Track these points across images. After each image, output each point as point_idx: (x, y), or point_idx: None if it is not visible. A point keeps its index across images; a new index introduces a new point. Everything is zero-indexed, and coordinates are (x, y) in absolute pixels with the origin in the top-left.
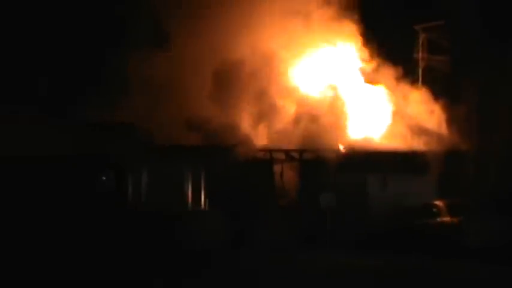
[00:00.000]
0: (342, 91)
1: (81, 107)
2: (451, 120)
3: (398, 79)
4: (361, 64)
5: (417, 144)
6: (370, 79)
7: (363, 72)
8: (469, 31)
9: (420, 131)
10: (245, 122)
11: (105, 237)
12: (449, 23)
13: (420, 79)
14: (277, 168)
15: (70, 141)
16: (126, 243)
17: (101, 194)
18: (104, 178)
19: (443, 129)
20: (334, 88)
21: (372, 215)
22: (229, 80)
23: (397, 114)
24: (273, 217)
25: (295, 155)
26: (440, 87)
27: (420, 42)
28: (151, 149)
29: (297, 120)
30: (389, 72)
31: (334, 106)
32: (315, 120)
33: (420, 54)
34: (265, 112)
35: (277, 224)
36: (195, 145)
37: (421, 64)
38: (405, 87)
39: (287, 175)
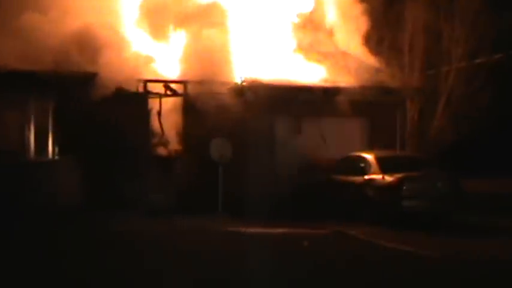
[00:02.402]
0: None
1: None
2: (386, 49)
3: None
4: None
5: (343, 78)
6: None
7: None
8: None
9: (348, 62)
10: (108, 43)
11: None
12: None
13: None
14: (153, 104)
15: None
16: None
17: None
18: None
19: (377, 60)
20: None
21: (280, 169)
22: None
23: (319, 41)
24: (147, 170)
25: (178, 87)
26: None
27: None
28: None
29: (179, 40)
30: None
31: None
32: (204, 42)
33: None
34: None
35: (152, 180)
36: (40, 71)
37: None
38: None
39: (167, 114)
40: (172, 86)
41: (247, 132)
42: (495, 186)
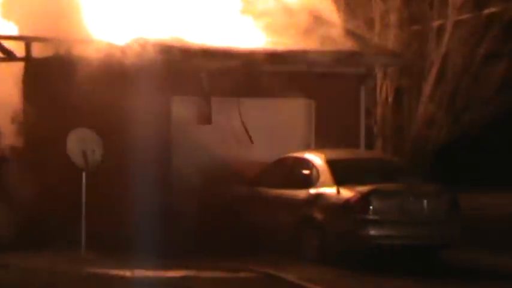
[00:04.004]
0: None
1: None
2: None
3: None
4: None
5: (278, 37)
6: None
7: None
8: None
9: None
10: None
11: None
12: None
13: None
14: None
15: None
16: None
17: None
18: None
19: (331, 11)
20: None
21: (179, 177)
22: None
23: None
24: None
25: (17, 48)
26: None
27: None
28: None
29: None
30: None
31: None
32: None
33: None
34: None
35: None
36: None
37: None
38: None
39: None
40: (7, 45)
41: (128, 119)
42: (506, 205)
